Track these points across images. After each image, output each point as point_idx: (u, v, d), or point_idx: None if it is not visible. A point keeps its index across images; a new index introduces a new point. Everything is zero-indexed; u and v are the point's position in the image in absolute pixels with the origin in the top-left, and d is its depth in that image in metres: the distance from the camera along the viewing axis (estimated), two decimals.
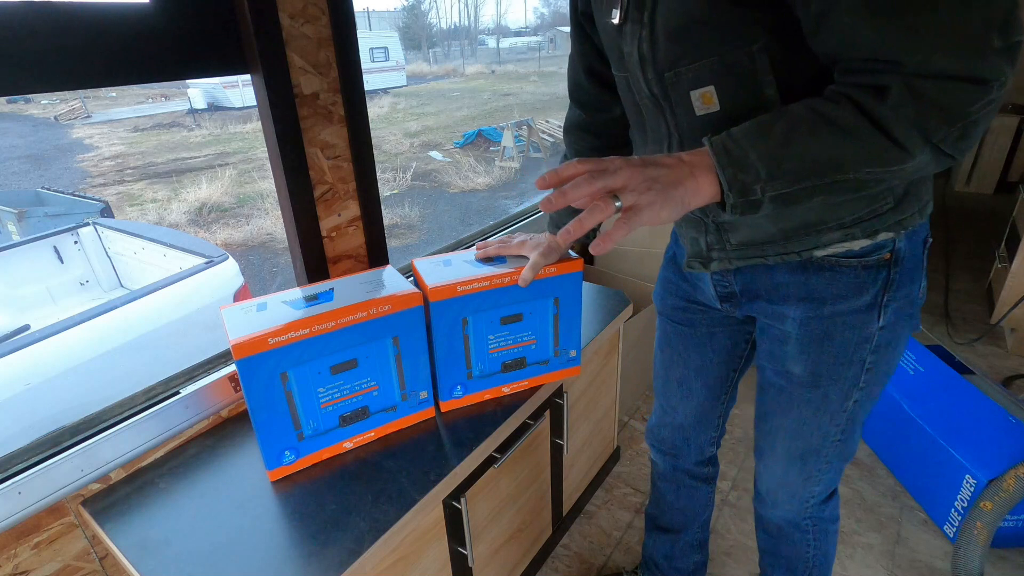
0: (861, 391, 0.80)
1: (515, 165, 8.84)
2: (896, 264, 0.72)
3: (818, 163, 0.54)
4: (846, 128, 0.53)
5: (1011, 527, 1.42)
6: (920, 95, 0.51)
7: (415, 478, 0.89)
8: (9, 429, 1.91)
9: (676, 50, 0.66)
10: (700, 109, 0.68)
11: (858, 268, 0.72)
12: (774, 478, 0.94)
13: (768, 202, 0.56)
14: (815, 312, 0.76)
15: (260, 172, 8.69)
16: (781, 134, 0.55)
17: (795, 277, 0.76)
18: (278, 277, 5.35)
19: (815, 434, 0.84)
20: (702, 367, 0.99)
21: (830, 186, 0.56)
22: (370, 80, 16.02)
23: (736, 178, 0.55)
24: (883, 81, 0.52)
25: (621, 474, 1.75)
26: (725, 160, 0.56)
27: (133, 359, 2.25)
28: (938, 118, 0.51)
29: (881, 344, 0.76)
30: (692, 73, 0.66)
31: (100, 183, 8.74)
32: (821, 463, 0.87)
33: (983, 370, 2.13)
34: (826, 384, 0.80)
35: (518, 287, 0.98)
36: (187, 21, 0.89)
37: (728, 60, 0.63)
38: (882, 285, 0.73)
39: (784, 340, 0.81)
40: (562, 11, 64.44)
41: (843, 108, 0.54)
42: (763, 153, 0.55)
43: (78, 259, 3.34)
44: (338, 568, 0.75)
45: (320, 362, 0.87)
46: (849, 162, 0.54)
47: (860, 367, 0.78)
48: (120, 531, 0.83)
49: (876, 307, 0.74)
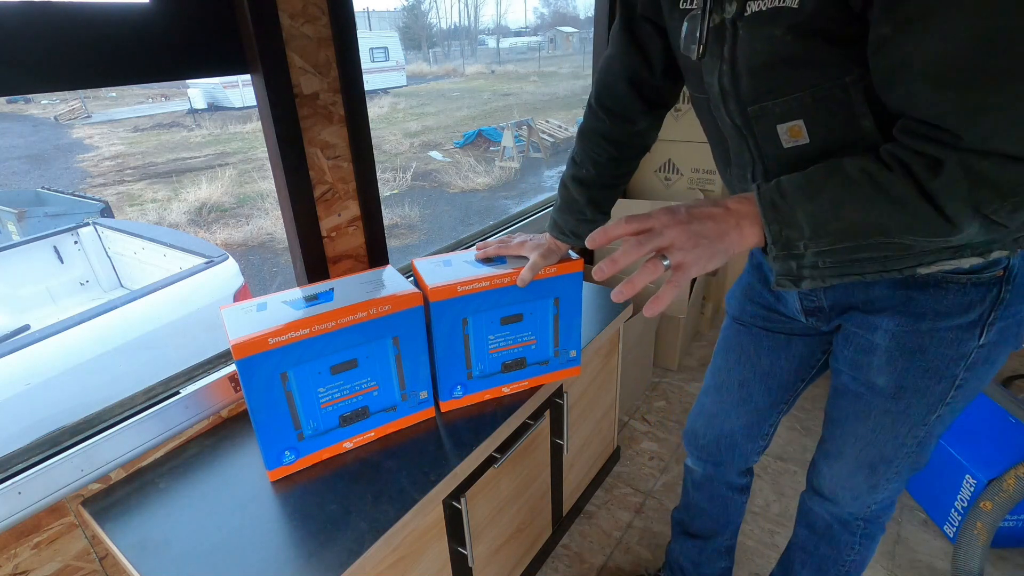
0: (947, 406, 0.76)
1: (515, 165, 8.84)
2: (1009, 281, 0.68)
3: (863, 227, 0.54)
4: (896, 197, 0.52)
5: (1011, 527, 1.42)
6: (974, 172, 0.50)
7: (415, 478, 0.89)
8: (9, 429, 1.91)
9: (760, 87, 0.64)
10: (788, 142, 0.66)
11: (967, 285, 0.68)
12: (838, 480, 0.90)
13: (811, 257, 0.57)
14: (911, 326, 0.73)
15: (260, 172, 8.69)
16: (830, 196, 0.54)
17: (895, 291, 0.72)
18: (278, 277, 5.35)
19: (889, 444, 0.81)
20: (770, 372, 0.95)
21: (873, 247, 0.56)
22: (370, 80, 16.02)
23: (781, 234, 0.56)
24: (939, 154, 0.50)
25: (621, 474, 1.75)
26: (772, 215, 0.56)
27: (133, 359, 2.25)
28: (991, 193, 0.50)
29: (977, 361, 0.73)
30: (779, 108, 0.64)
31: (100, 183, 8.74)
32: (891, 473, 0.84)
33: None
34: (910, 396, 0.76)
35: (518, 287, 0.98)
36: (187, 21, 0.89)
37: (819, 94, 0.60)
38: (991, 303, 0.69)
39: (871, 350, 0.77)
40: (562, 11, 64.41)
41: (895, 174, 0.52)
42: (810, 213, 0.54)
43: (78, 259, 3.34)
44: (338, 568, 0.75)
45: (320, 362, 0.87)
46: (894, 229, 0.54)
47: (951, 383, 0.74)
48: (120, 531, 0.83)
49: (980, 324, 0.70)
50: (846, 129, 0.61)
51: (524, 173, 8.68)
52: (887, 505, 0.92)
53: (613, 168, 0.95)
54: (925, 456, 0.83)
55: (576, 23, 56.34)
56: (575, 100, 15.51)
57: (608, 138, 0.93)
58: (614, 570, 1.46)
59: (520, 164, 8.94)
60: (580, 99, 15.47)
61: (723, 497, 1.12)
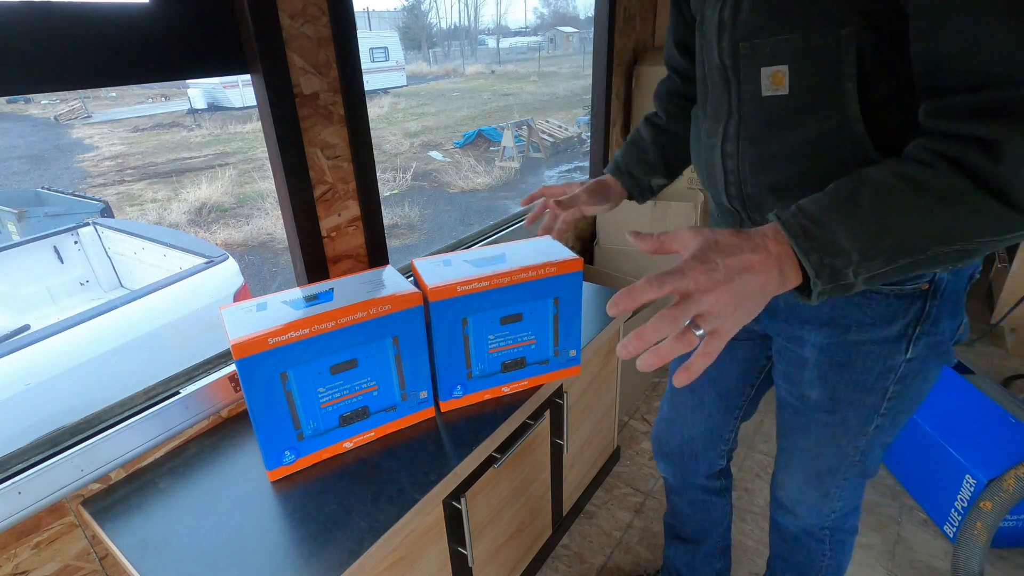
0: (883, 417, 0.77)
1: (515, 165, 8.84)
2: (935, 296, 0.67)
3: (922, 238, 0.47)
4: (955, 197, 0.46)
5: (1011, 527, 1.42)
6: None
7: (415, 478, 0.89)
8: (9, 429, 1.91)
9: (758, 19, 0.61)
10: (767, 89, 0.63)
11: (890, 297, 0.67)
12: (793, 492, 0.92)
13: (861, 284, 0.49)
14: (837, 339, 0.72)
15: (260, 172, 8.69)
16: (871, 210, 0.47)
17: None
18: (278, 277, 5.35)
19: (833, 455, 0.82)
20: (718, 378, 0.96)
21: (933, 259, 0.48)
22: (370, 80, 16.02)
23: (824, 263, 0.47)
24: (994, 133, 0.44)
25: (621, 474, 1.75)
26: (807, 244, 0.47)
27: (133, 359, 2.25)
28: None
29: (907, 375, 0.72)
30: (769, 47, 0.61)
31: (100, 183, 8.74)
32: (839, 481, 0.85)
33: (983, 370, 2.13)
34: (844, 409, 0.77)
35: (518, 287, 0.99)
36: (187, 21, 0.89)
37: (812, 41, 0.57)
38: (915, 317, 0.68)
39: (801, 364, 0.78)
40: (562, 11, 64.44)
41: (940, 171, 0.46)
42: (854, 234, 0.46)
43: (78, 259, 3.34)
44: (338, 568, 0.75)
45: (320, 362, 0.87)
46: (959, 233, 0.47)
47: (882, 395, 0.74)
48: (120, 531, 0.83)
49: (905, 338, 0.69)
50: (828, 87, 0.59)
51: (524, 173, 8.68)
52: (848, 511, 0.92)
53: (683, 120, 0.94)
54: (872, 464, 0.84)
55: (576, 23, 56.33)
56: (575, 100, 15.50)
57: (675, 92, 0.98)
58: (614, 570, 1.46)
59: (520, 164, 8.94)
60: (580, 99, 15.47)
61: (701, 501, 1.12)
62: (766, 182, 0.68)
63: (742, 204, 0.73)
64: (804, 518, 0.94)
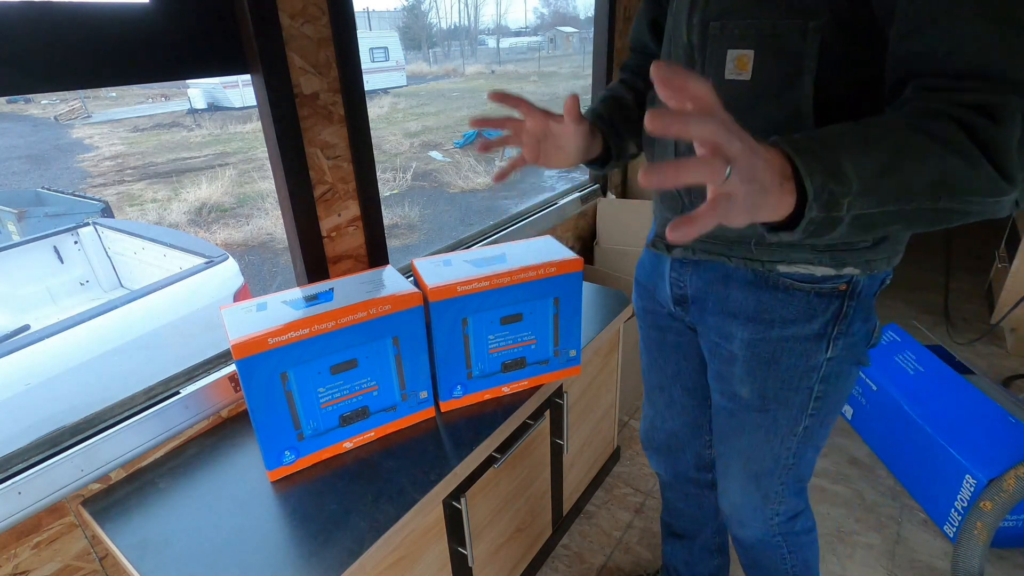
0: (811, 418, 0.79)
1: None
2: (852, 297, 0.71)
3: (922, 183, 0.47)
4: (956, 148, 0.46)
5: (1011, 527, 1.42)
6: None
7: (415, 478, 0.89)
8: (9, 429, 1.91)
9: (724, 2, 0.62)
10: (731, 72, 0.64)
11: (811, 294, 0.71)
12: (735, 497, 0.92)
13: (847, 224, 0.47)
14: (762, 334, 0.75)
15: (260, 172, 8.69)
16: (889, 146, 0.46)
17: (747, 293, 0.75)
18: (278, 277, 5.35)
19: (768, 457, 0.84)
20: (678, 374, 0.98)
21: (916, 213, 0.48)
22: (370, 80, 16.01)
23: (825, 187, 0.44)
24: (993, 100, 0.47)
25: (621, 474, 1.75)
26: (814, 165, 0.44)
27: (133, 359, 2.25)
28: None
29: (829, 375, 0.75)
30: (738, 30, 0.62)
31: (100, 183, 8.74)
32: (776, 485, 0.87)
33: (983, 370, 2.13)
34: (774, 408, 0.79)
35: (518, 287, 0.99)
36: (187, 21, 0.89)
37: (780, 29, 0.59)
38: (833, 316, 0.71)
39: (731, 361, 0.80)
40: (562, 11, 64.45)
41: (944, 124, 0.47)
42: (860, 163, 0.46)
43: (78, 259, 3.34)
44: (338, 568, 0.75)
45: (320, 362, 0.87)
46: (955, 187, 0.47)
47: (808, 394, 0.77)
48: (120, 531, 0.83)
49: (825, 338, 0.73)
50: (787, 78, 0.60)
51: (524, 173, 8.67)
52: (793, 515, 0.92)
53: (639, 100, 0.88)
54: (806, 467, 0.86)
55: (576, 23, 56.34)
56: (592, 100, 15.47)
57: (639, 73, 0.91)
58: (614, 570, 1.46)
59: None
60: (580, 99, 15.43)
61: (693, 495, 1.13)
62: None
63: (687, 188, 0.73)
64: (749, 526, 0.94)
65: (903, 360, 1.77)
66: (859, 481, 1.69)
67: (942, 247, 3.26)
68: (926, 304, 2.69)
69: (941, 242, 3.34)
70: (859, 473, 1.72)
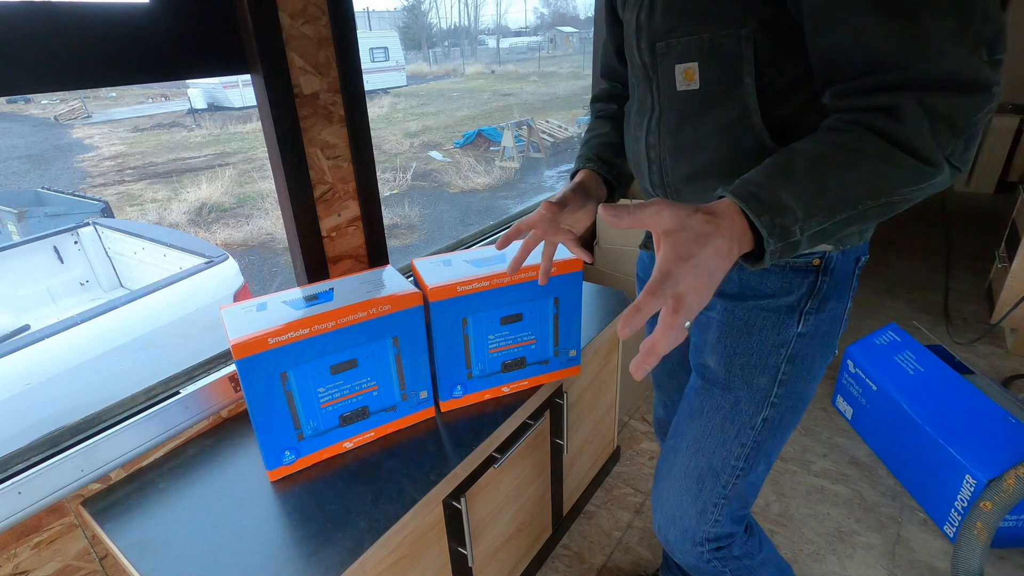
0: (772, 408, 0.78)
1: (515, 165, 8.84)
2: (825, 273, 0.73)
3: (856, 192, 0.53)
4: (874, 153, 0.53)
5: (1011, 527, 1.42)
6: (931, 109, 0.51)
7: (415, 478, 0.89)
8: (9, 429, 1.91)
9: (670, 22, 0.68)
10: (682, 84, 0.70)
11: (787, 269, 0.74)
12: (668, 507, 0.87)
13: (806, 241, 0.53)
14: (739, 303, 0.78)
15: (260, 172, 8.69)
16: (805, 172, 0.53)
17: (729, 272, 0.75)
18: (278, 277, 5.35)
19: (718, 450, 0.81)
20: (684, 361, 0.98)
21: (863, 214, 0.54)
22: (370, 80, 16.01)
23: (775, 223, 0.51)
24: (892, 101, 0.52)
25: (621, 474, 1.75)
26: (758, 207, 0.51)
27: (133, 359, 2.25)
28: (948, 130, 0.52)
29: (796, 356, 0.76)
30: (681, 47, 0.68)
31: (100, 183, 8.74)
32: (717, 491, 0.82)
33: (983, 370, 2.13)
34: (738, 387, 0.79)
35: (518, 287, 0.98)
36: (187, 21, 0.89)
37: (717, 40, 0.65)
38: (808, 290, 0.74)
39: (708, 327, 0.82)
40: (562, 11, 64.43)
41: (858, 135, 0.54)
42: (796, 192, 0.52)
43: (78, 259, 3.34)
44: (338, 568, 0.75)
45: (320, 362, 0.87)
46: (885, 186, 0.54)
47: (773, 376, 0.77)
48: (120, 531, 0.83)
49: (798, 312, 0.75)
50: (731, 81, 0.66)
51: (524, 173, 8.67)
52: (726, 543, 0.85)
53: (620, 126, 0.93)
54: (753, 478, 0.82)
55: (576, 23, 56.34)
56: (575, 100, 15.50)
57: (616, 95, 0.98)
58: (614, 570, 1.46)
59: (520, 164, 8.94)
60: (580, 99, 15.46)
61: None
62: (682, 170, 0.75)
63: (664, 191, 0.79)
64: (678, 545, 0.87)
65: (903, 360, 1.77)
66: (859, 481, 1.69)
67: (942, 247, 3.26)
68: (926, 304, 2.69)
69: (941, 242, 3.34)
70: (859, 473, 1.72)
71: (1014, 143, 4.15)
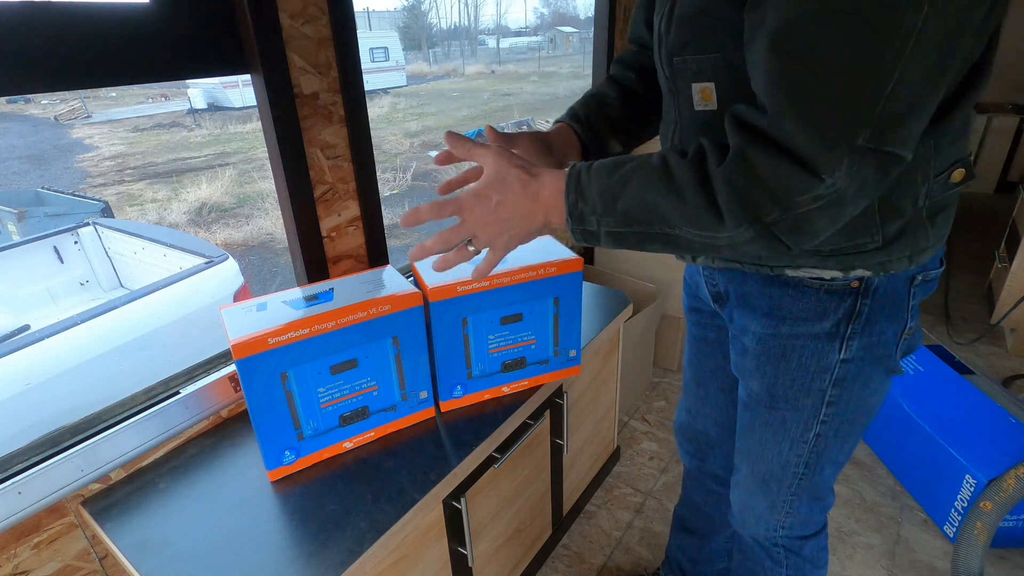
0: (824, 425, 0.76)
1: None
2: (866, 295, 0.67)
3: (643, 211, 0.55)
4: (678, 183, 0.53)
5: (1011, 527, 1.42)
6: (750, 164, 0.49)
7: (415, 478, 0.89)
8: (9, 429, 1.91)
9: (683, 36, 0.63)
10: (699, 104, 0.65)
11: (821, 291, 0.69)
12: (743, 494, 0.90)
13: (604, 236, 0.58)
14: (774, 330, 0.74)
15: (260, 172, 8.68)
16: (624, 175, 0.55)
17: (763, 288, 0.74)
18: (278, 277, 5.35)
19: (776, 460, 0.81)
20: (716, 370, 0.97)
21: (657, 236, 0.56)
22: (370, 80, 15.99)
23: (576, 206, 0.58)
24: (732, 140, 0.51)
25: (621, 474, 1.75)
26: (572, 185, 0.58)
27: (133, 359, 2.25)
28: (768, 198, 0.49)
29: (844, 379, 0.72)
30: (696, 64, 0.63)
31: (100, 183, 8.74)
32: (784, 493, 0.83)
33: (983, 370, 2.13)
34: (783, 407, 0.77)
35: (518, 287, 0.98)
36: (187, 21, 0.89)
37: (732, 60, 0.59)
38: (846, 314, 0.69)
39: (745, 353, 0.79)
40: (562, 11, 64.44)
41: (690, 162, 0.53)
42: (602, 188, 0.56)
43: (78, 259, 3.34)
44: (338, 568, 0.75)
45: (320, 362, 0.87)
46: (668, 217, 0.54)
47: (820, 398, 0.74)
48: (120, 531, 0.83)
49: (838, 337, 0.70)
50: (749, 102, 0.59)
51: None
52: (802, 535, 0.88)
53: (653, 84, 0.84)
54: (820, 481, 0.82)
55: (576, 23, 56.34)
56: (575, 100, 15.46)
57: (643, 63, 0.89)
58: (614, 570, 1.46)
59: None
60: None
61: (714, 493, 1.12)
62: None
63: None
64: (751, 527, 0.91)
65: (903, 361, 1.77)
66: (859, 481, 1.69)
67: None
68: (926, 304, 2.68)
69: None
70: (859, 473, 1.72)
71: (1014, 143, 4.15)
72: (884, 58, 0.44)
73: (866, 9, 0.44)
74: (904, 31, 0.43)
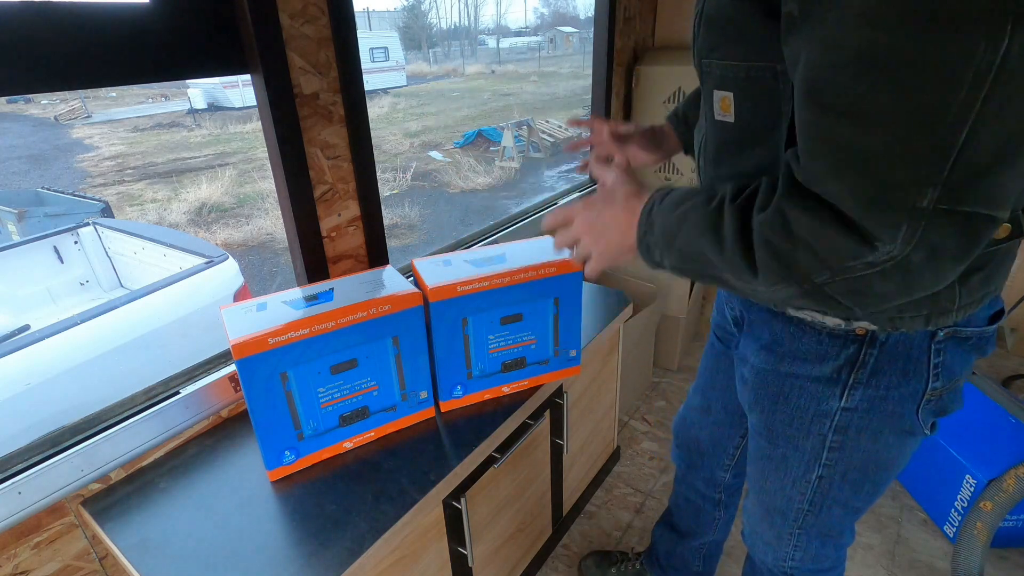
0: (827, 468, 0.73)
1: (515, 165, 8.83)
2: (872, 345, 0.63)
3: (693, 253, 0.55)
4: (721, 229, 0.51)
5: (1011, 527, 1.42)
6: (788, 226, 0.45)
7: (415, 478, 0.89)
8: (9, 429, 1.91)
9: (710, 39, 0.60)
10: (718, 113, 0.62)
11: (822, 334, 0.66)
12: (751, 522, 0.90)
13: (669, 268, 0.60)
14: (772, 366, 0.72)
15: (260, 172, 8.69)
16: (682, 214, 0.55)
17: (766, 319, 0.72)
18: (278, 277, 5.35)
19: (778, 493, 0.80)
20: (726, 390, 0.95)
21: (710, 277, 0.56)
22: (370, 80, 16.00)
23: (644, 237, 0.60)
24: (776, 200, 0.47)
25: (621, 474, 1.75)
26: (644, 217, 0.60)
27: (133, 359, 2.25)
28: (813, 260, 0.45)
29: (847, 427, 0.68)
30: (719, 71, 0.60)
31: (100, 183, 8.74)
32: (789, 526, 0.81)
33: (983, 370, 2.13)
34: (783, 445, 0.75)
35: (518, 287, 0.98)
36: (187, 21, 0.89)
37: (753, 73, 0.56)
38: (848, 361, 0.65)
39: (745, 383, 0.79)
40: (562, 11, 64.43)
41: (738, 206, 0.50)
42: (664, 224, 0.57)
43: (78, 259, 3.34)
44: (338, 568, 0.75)
45: (320, 362, 0.87)
46: (713, 262, 0.53)
47: (820, 441, 0.71)
48: (120, 531, 0.83)
49: (839, 383, 0.66)
50: (767, 121, 0.57)
51: (524, 173, 8.67)
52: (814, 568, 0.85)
53: None
54: (830, 523, 0.79)
55: (576, 23, 56.33)
56: (575, 100, 15.50)
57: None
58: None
59: (520, 164, 8.93)
60: (580, 99, 15.46)
61: (694, 502, 1.12)
62: None
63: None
64: (759, 553, 0.91)
65: None
66: None
67: None
68: None
69: None
70: None
71: None
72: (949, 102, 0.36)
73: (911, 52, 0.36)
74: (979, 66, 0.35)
